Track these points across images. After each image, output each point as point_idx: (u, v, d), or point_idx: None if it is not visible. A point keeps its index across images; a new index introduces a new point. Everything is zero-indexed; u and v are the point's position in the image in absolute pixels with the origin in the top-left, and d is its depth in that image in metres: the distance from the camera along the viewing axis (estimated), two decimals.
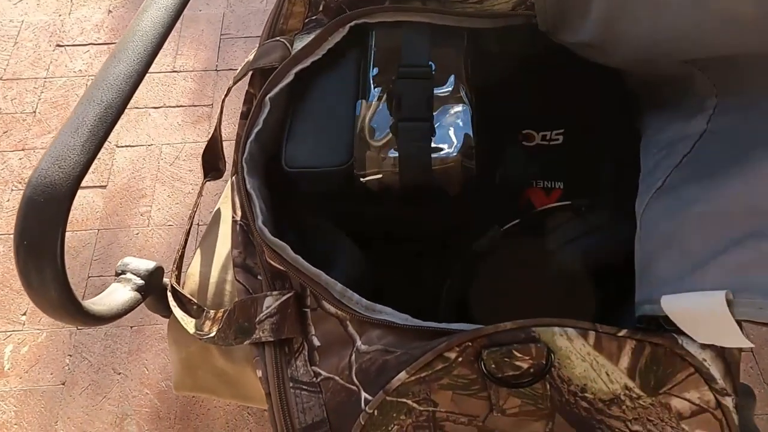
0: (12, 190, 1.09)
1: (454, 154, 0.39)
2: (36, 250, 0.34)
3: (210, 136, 0.56)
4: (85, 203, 1.06)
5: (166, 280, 0.52)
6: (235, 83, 0.48)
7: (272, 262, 0.39)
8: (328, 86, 0.44)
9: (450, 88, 0.42)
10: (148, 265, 0.47)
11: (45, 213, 0.34)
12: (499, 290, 0.44)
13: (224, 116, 1.12)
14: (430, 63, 0.42)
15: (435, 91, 0.41)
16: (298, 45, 0.47)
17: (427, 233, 0.46)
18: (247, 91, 0.49)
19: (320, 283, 0.37)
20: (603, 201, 0.41)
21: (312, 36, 0.47)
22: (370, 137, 0.39)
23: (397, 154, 0.39)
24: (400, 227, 0.45)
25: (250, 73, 0.48)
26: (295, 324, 0.38)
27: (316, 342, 0.37)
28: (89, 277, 0.99)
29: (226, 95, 0.49)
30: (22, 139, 1.14)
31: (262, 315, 0.39)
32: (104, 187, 1.08)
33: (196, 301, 0.49)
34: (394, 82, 0.41)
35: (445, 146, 0.40)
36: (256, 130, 0.41)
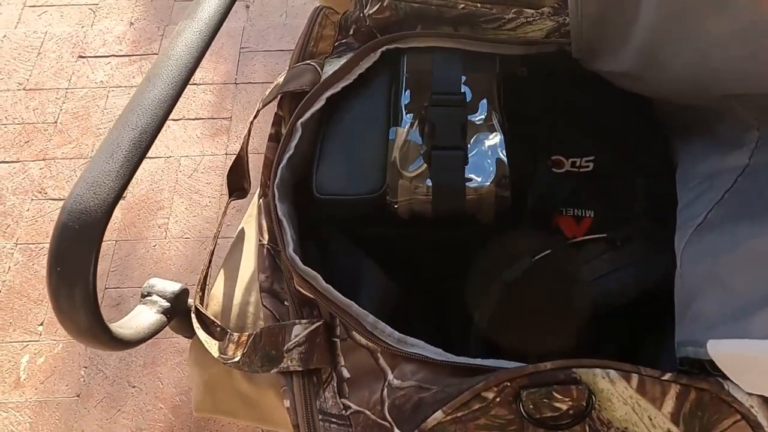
0: (32, 200, 1.10)
1: (488, 183, 0.39)
2: (68, 276, 0.34)
3: (236, 155, 0.56)
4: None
5: (190, 301, 0.52)
6: (264, 106, 0.48)
7: (302, 290, 0.39)
8: (359, 111, 0.44)
9: (483, 116, 0.42)
10: (174, 287, 0.46)
11: (79, 239, 0.34)
12: (530, 322, 0.44)
13: (240, 132, 1.13)
14: (464, 89, 0.42)
15: (473, 119, 0.41)
16: (329, 69, 0.47)
17: (457, 261, 0.45)
18: (275, 113, 0.49)
19: (351, 314, 0.37)
20: (636, 233, 0.40)
21: (342, 60, 0.47)
22: (402, 165, 0.39)
23: (430, 183, 0.39)
24: (430, 254, 0.45)
25: (279, 95, 0.48)
26: (325, 354, 0.37)
27: (346, 373, 0.36)
28: (106, 288, 0.99)
29: (254, 117, 0.49)
30: (43, 149, 1.15)
31: (290, 344, 0.39)
32: (123, 198, 1.08)
33: (220, 323, 0.48)
34: (426, 109, 0.41)
35: (479, 175, 0.39)
36: (287, 156, 0.40)
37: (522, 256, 0.43)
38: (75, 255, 0.34)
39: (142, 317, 0.44)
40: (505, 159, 0.40)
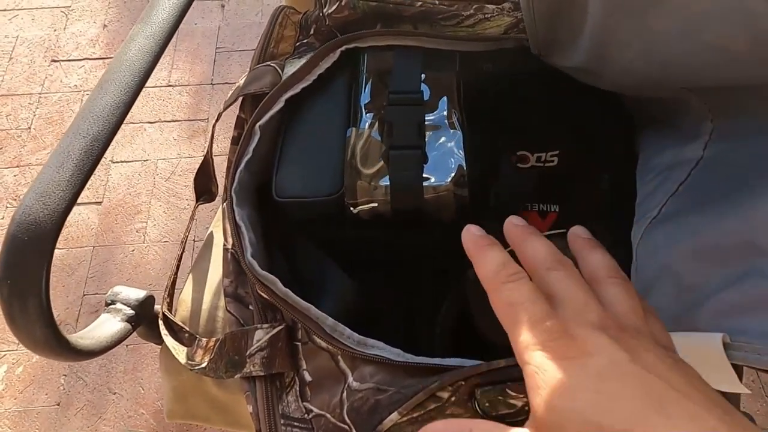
0: (6, 207, 1.09)
1: (447, 182, 0.39)
2: (20, 288, 0.33)
3: (202, 159, 0.55)
4: (80, 220, 1.05)
5: (157, 307, 0.51)
6: (225, 109, 0.48)
7: (263, 294, 0.39)
8: (319, 113, 0.43)
9: (443, 114, 0.41)
10: (138, 294, 0.46)
11: (29, 251, 0.33)
12: (495, 319, 0.44)
13: (217, 134, 1.12)
14: (423, 88, 0.42)
15: (426, 118, 0.41)
16: (289, 70, 0.47)
17: (420, 260, 0.45)
18: (237, 116, 0.48)
19: (311, 318, 0.37)
20: (599, 227, 0.40)
21: (303, 60, 0.47)
22: (361, 165, 0.39)
23: (388, 183, 0.39)
24: (393, 254, 0.44)
25: (241, 97, 0.47)
26: (286, 358, 0.37)
27: (308, 377, 0.36)
28: (84, 295, 0.98)
29: (216, 120, 0.48)
30: (17, 156, 1.14)
31: (252, 348, 0.39)
32: (99, 203, 1.08)
33: (188, 329, 0.48)
34: (384, 109, 0.41)
35: (437, 174, 0.39)
36: (245, 159, 0.40)
37: None
38: (26, 267, 0.33)
39: (105, 326, 0.43)
40: (463, 157, 0.40)
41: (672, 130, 0.42)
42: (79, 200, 1.18)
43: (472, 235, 0.25)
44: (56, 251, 0.34)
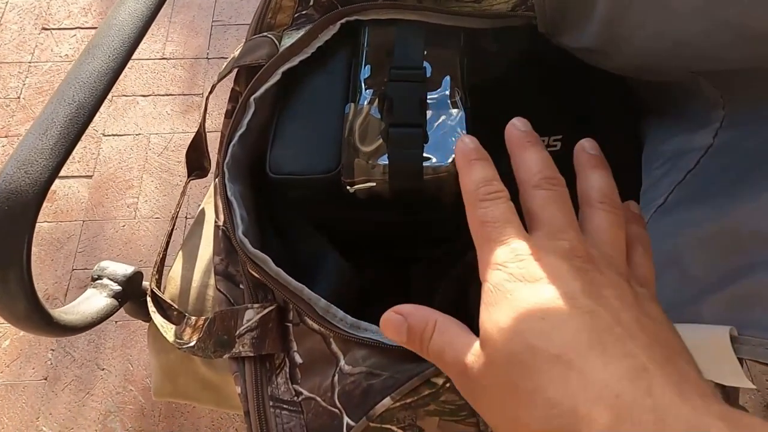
0: None
1: (447, 163, 0.38)
2: (1, 260, 0.32)
3: (195, 133, 0.54)
4: (70, 193, 1.03)
5: (146, 283, 0.50)
6: (219, 80, 0.46)
7: (254, 273, 0.37)
8: (317, 87, 0.42)
9: (445, 92, 0.40)
10: (125, 269, 0.45)
11: (10, 221, 0.32)
12: None
13: (211, 110, 1.09)
14: (425, 65, 0.40)
15: (429, 95, 0.39)
16: (287, 42, 0.45)
17: (419, 241, 0.44)
18: (232, 88, 0.47)
19: (303, 299, 0.35)
20: None
21: (301, 32, 0.45)
22: (359, 143, 0.37)
23: (387, 162, 0.37)
24: (390, 235, 0.43)
25: (236, 69, 0.45)
26: (277, 339, 0.36)
27: (298, 359, 0.35)
28: (74, 269, 0.97)
29: (209, 93, 0.47)
30: (5, 126, 1.11)
31: (242, 328, 0.38)
32: (90, 177, 1.05)
33: (177, 307, 0.47)
34: (385, 85, 0.39)
35: (437, 154, 0.38)
36: (239, 133, 0.39)
37: None
38: (6, 238, 0.32)
39: (90, 302, 0.42)
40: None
41: (680, 116, 0.41)
42: (69, 173, 1.16)
43: (464, 146, 0.24)
44: (45, 224, 0.33)
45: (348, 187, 0.37)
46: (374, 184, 0.38)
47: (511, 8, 0.44)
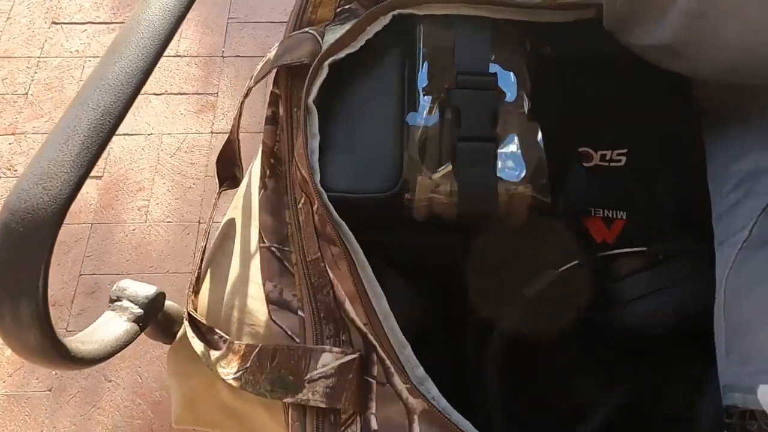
0: (0, 177, 1.02)
1: (523, 181, 0.33)
2: (13, 289, 0.28)
3: (225, 139, 0.49)
4: (78, 194, 0.99)
5: (169, 303, 0.46)
6: (256, 83, 0.42)
7: (331, 244, 0.31)
8: (368, 89, 0.37)
9: (513, 100, 0.36)
10: (148, 290, 0.40)
11: (25, 244, 0.27)
12: (553, 352, 0.39)
13: (226, 110, 1.05)
14: (494, 70, 0.36)
15: (503, 104, 0.35)
16: (330, 38, 0.41)
17: (476, 270, 0.40)
18: (271, 91, 0.42)
19: (400, 359, 0.30)
20: (681, 245, 0.35)
21: (346, 27, 0.41)
22: (421, 158, 0.33)
23: (453, 180, 0.33)
24: (445, 263, 0.39)
25: (274, 70, 0.41)
26: (356, 394, 0.31)
27: (374, 424, 0.30)
28: (81, 274, 0.93)
29: (245, 96, 0.42)
30: (13, 123, 1.07)
31: (315, 373, 0.32)
32: (99, 177, 1.01)
33: (218, 331, 0.42)
34: (449, 92, 0.35)
35: (510, 171, 0.33)
36: (317, 143, 0.34)
37: (546, 266, 0.38)
38: (20, 263, 0.28)
39: (109, 327, 0.38)
40: (543, 152, 0.34)
41: (757, 129, 0.37)
42: None
43: None
44: None
45: (410, 206, 0.33)
46: (438, 204, 0.33)
47: None
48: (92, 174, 1.03)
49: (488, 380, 0.36)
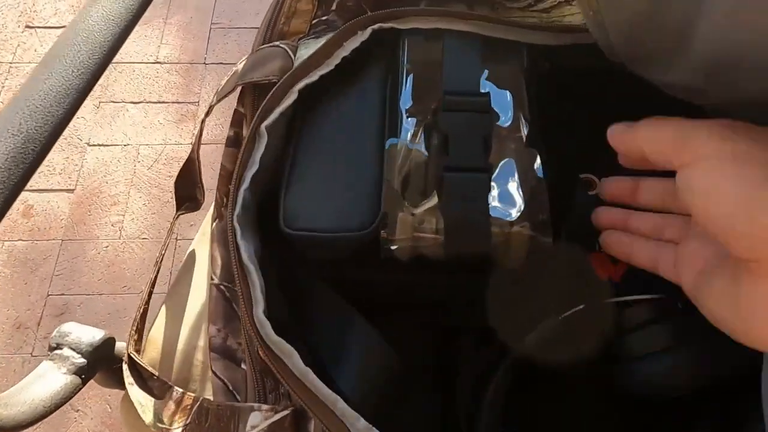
0: None
1: (520, 218, 0.29)
2: None
3: (187, 157, 0.45)
4: (48, 209, 0.94)
5: (121, 345, 0.41)
6: (218, 100, 0.37)
7: (269, 364, 0.28)
8: (344, 112, 0.33)
9: (509, 124, 0.31)
10: (93, 336, 0.36)
11: None
12: (557, 406, 0.34)
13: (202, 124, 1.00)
14: (487, 88, 0.32)
15: (498, 129, 0.31)
16: (304, 53, 0.36)
17: (466, 313, 0.35)
18: (235, 110, 0.38)
19: (336, 414, 0.26)
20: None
21: (322, 41, 0.36)
22: (403, 191, 0.29)
23: (440, 217, 0.28)
24: (431, 301, 0.34)
25: (240, 87, 0.37)
26: None
27: None
28: (49, 295, 0.87)
29: (206, 115, 0.38)
30: None
31: None
32: (71, 191, 0.96)
33: (159, 376, 0.38)
34: (435, 114, 0.30)
35: (505, 207, 0.29)
36: (251, 173, 0.29)
37: (548, 310, 0.33)
38: None
39: (43, 382, 0.33)
40: (543, 183, 0.30)
41: None
42: (49, 186, 1.04)
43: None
44: (19, 243, 0.24)
45: (388, 247, 0.28)
46: (422, 244, 0.29)
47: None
48: (64, 187, 0.96)
49: None
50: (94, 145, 1.00)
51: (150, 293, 0.43)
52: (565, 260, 0.36)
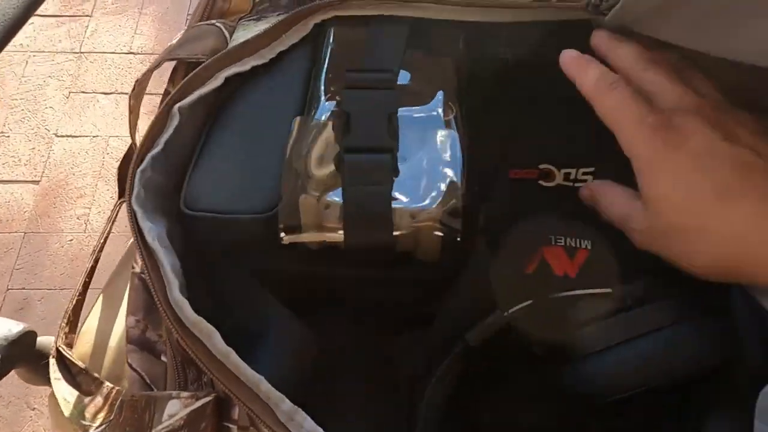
0: None
1: (432, 207, 0.27)
2: None
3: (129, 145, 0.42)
4: (12, 200, 0.91)
5: (42, 339, 0.39)
6: (145, 75, 0.35)
7: (189, 351, 0.26)
8: (266, 98, 0.31)
9: (435, 109, 0.29)
10: (9, 329, 0.33)
11: None
12: (500, 407, 0.32)
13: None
14: (402, 71, 0.30)
15: (413, 112, 0.29)
16: (241, 35, 0.34)
17: (396, 307, 0.33)
18: (165, 89, 0.36)
19: (260, 397, 0.24)
20: (654, 288, 0.28)
21: (262, 25, 0.34)
22: (308, 174, 0.26)
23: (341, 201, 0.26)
24: (355, 297, 0.32)
25: (167, 62, 0.35)
26: None
27: None
28: (9, 289, 0.84)
29: (132, 90, 0.36)
30: None
31: (160, 427, 0.27)
32: (36, 182, 0.93)
33: (89, 370, 0.36)
34: (341, 94, 0.28)
35: (416, 195, 0.27)
36: (153, 154, 0.27)
37: (493, 306, 0.31)
38: None
39: None
40: (460, 171, 0.28)
41: None
42: (13, 177, 1.01)
43: (569, 57, 0.27)
44: None
45: (285, 235, 0.26)
46: (327, 232, 0.27)
47: None
48: (29, 178, 0.93)
49: None
50: (62, 136, 0.97)
51: (85, 284, 0.41)
52: (515, 253, 0.34)
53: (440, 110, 0.30)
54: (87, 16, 1.09)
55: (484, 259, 0.32)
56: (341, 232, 0.26)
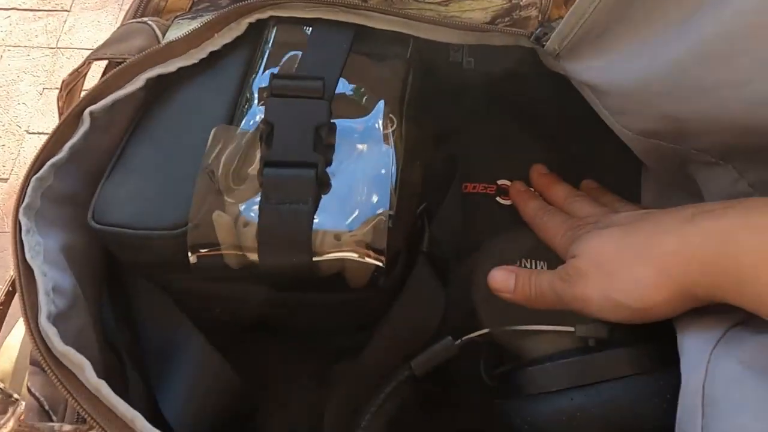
0: None
1: (355, 229, 0.24)
2: None
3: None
4: None
5: None
6: (70, 76, 0.33)
7: (61, 387, 0.24)
8: (194, 103, 0.29)
9: (375, 121, 0.27)
10: None
11: None
12: None
13: None
14: (345, 79, 0.28)
15: (350, 125, 0.26)
16: (173, 34, 0.32)
17: (330, 333, 0.31)
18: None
19: (135, 429, 0.22)
20: (618, 328, 0.26)
21: (197, 23, 0.32)
22: (228, 189, 0.24)
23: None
24: (284, 321, 0.30)
25: (91, 63, 0.33)
26: None
27: None
28: None
29: (60, 90, 0.33)
30: None
31: None
32: (5, 180, 0.91)
33: (5, 389, 0.33)
34: (267, 102, 0.26)
35: (340, 216, 0.24)
36: (54, 161, 0.25)
37: (440, 335, 0.29)
38: None
39: None
40: (393, 188, 0.25)
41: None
42: None
43: (517, 191, 0.34)
44: None
45: (194, 253, 0.24)
46: (242, 252, 0.24)
47: (489, 19, 0.31)
48: None
49: None
50: (33, 133, 0.95)
51: (8, 294, 0.38)
52: (468, 277, 0.32)
53: (380, 122, 0.28)
54: (65, 10, 1.07)
55: (427, 281, 0.30)
56: (255, 250, 0.24)
